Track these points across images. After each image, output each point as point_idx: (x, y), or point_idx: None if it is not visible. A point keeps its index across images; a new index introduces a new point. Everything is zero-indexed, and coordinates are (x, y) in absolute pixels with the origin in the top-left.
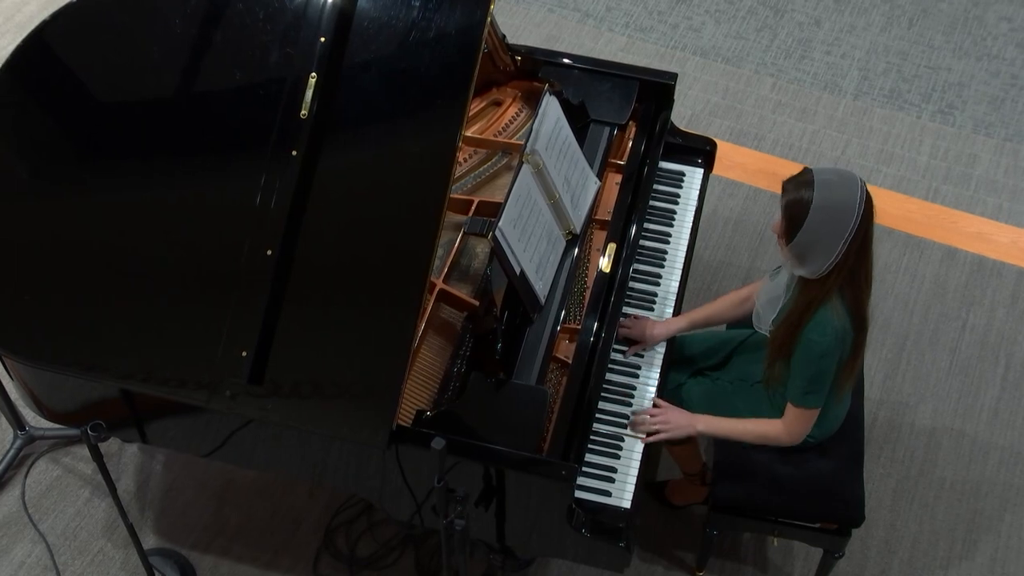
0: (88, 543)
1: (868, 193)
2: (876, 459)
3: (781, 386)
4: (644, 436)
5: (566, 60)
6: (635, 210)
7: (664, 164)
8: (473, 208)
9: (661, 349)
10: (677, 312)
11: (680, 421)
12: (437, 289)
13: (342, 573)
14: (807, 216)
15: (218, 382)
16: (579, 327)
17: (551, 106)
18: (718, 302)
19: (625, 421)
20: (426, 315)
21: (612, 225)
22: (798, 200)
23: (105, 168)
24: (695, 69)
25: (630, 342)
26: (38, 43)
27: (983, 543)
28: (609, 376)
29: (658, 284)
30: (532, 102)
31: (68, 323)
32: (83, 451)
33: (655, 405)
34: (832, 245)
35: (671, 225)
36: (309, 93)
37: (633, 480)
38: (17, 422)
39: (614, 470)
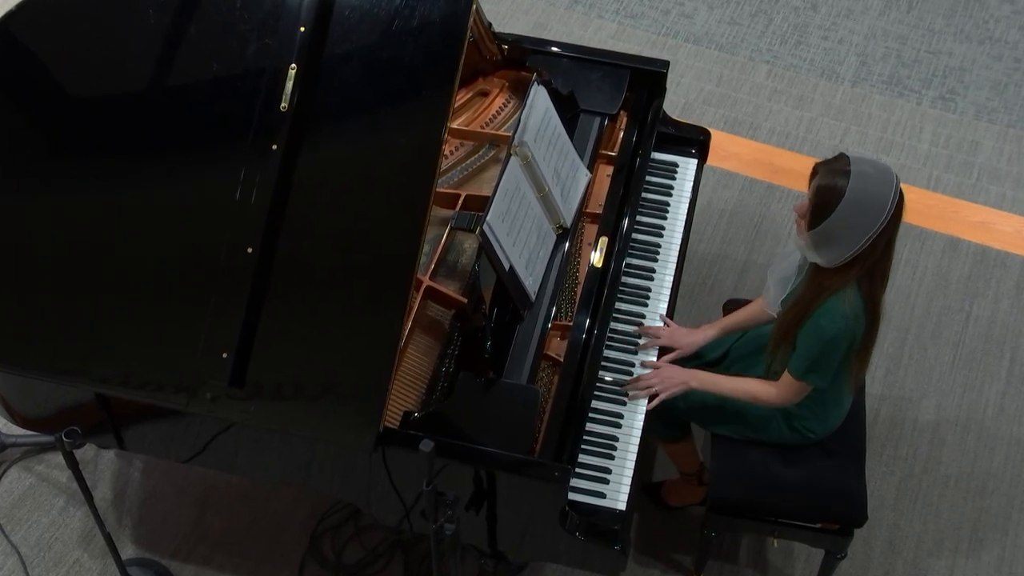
0: (64, 554)
1: (901, 192)
2: (878, 456)
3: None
4: (646, 400)
5: (555, 48)
6: (627, 203)
7: (656, 155)
8: (460, 202)
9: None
10: (672, 307)
11: (675, 376)
12: (424, 286)
13: None
14: (837, 206)
15: (198, 385)
16: (571, 324)
17: (539, 96)
18: (750, 307)
19: (620, 421)
20: (412, 313)
21: (603, 218)
22: (831, 187)
23: (78, 165)
24: (688, 56)
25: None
26: (3, 35)
27: (990, 542)
28: (602, 374)
29: (652, 279)
30: (520, 92)
31: (41, 326)
32: (57, 458)
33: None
34: (855, 239)
35: (664, 218)
36: (289, 85)
37: (628, 481)
38: None
39: (608, 471)
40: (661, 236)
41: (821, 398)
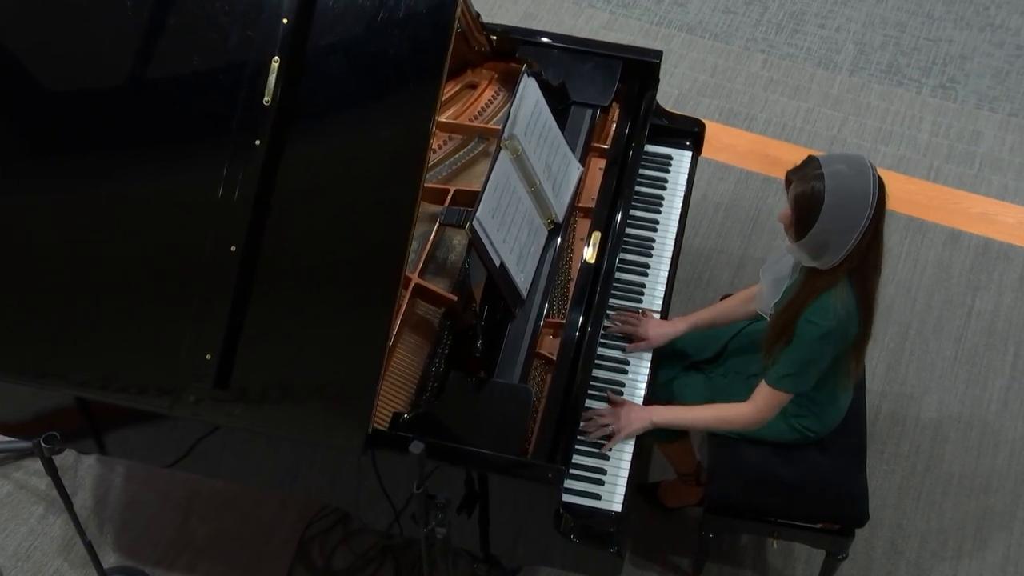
0: (43, 563)
1: (880, 178)
2: (879, 454)
3: None
4: (605, 441)
5: (545, 39)
6: (620, 196)
7: (650, 147)
8: (449, 197)
9: None
10: (667, 303)
11: (632, 417)
12: (412, 284)
13: None
14: (820, 212)
15: (181, 387)
16: (563, 321)
17: (529, 88)
18: (724, 303)
19: None
20: (401, 312)
21: (596, 213)
22: (808, 194)
23: (54, 162)
24: (681, 46)
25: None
26: None
27: (994, 540)
28: (596, 372)
29: (646, 274)
30: (509, 84)
31: (18, 328)
32: (36, 465)
33: (610, 403)
34: (846, 238)
35: (659, 212)
36: (272, 78)
37: (624, 482)
38: None
39: (603, 471)
40: (655, 230)
41: (816, 396)
